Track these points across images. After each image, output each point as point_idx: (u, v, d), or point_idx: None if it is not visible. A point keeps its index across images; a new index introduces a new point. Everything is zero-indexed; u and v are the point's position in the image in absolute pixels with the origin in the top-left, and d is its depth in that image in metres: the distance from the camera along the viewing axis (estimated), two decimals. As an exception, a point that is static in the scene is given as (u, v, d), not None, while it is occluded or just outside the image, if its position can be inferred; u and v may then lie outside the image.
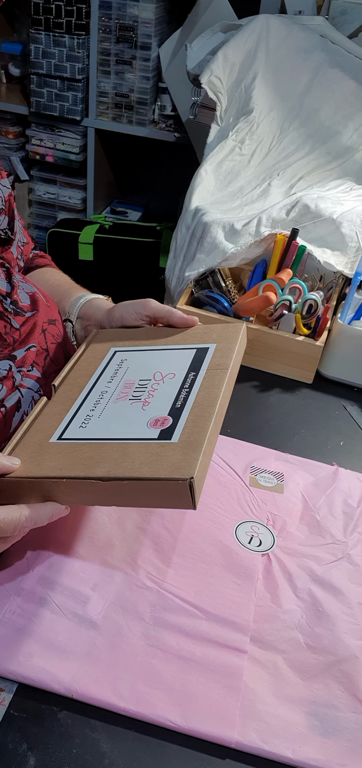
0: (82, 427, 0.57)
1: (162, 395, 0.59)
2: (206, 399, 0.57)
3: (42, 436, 0.57)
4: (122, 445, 0.53)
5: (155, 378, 0.61)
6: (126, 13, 1.95)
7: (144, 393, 0.60)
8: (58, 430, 0.57)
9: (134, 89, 2.05)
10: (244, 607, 0.57)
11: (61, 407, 0.60)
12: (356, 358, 0.95)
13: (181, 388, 0.59)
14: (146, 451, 0.52)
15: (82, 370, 0.66)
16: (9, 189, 0.77)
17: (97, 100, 2.10)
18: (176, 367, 0.63)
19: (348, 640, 0.55)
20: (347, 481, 0.74)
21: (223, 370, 0.60)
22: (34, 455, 0.55)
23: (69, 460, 0.53)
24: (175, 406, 0.57)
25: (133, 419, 0.56)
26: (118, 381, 0.62)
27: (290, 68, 1.43)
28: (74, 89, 2.05)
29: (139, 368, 0.64)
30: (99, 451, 0.53)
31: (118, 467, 0.51)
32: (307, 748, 0.48)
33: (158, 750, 0.47)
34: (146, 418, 0.56)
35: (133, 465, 0.51)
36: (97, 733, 0.48)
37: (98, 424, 0.57)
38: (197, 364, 0.62)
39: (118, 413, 0.58)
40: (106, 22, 1.97)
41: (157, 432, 0.54)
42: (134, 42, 1.98)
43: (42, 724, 0.48)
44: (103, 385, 0.62)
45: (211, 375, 0.60)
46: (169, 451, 0.51)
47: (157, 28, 1.98)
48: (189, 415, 0.55)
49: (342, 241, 1.04)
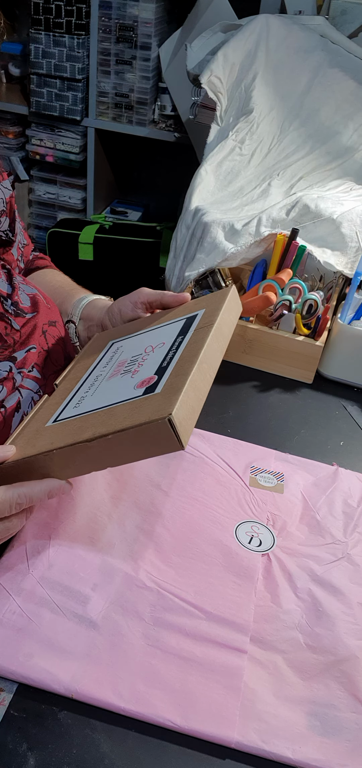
0: (75, 407, 0.59)
1: (150, 362, 0.60)
2: (190, 352, 0.58)
3: (39, 424, 0.60)
4: (109, 409, 0.55)
5: (145, 351, 0.63)
6: (126, 13, 1.95)
7: (134, 365, 0.61)
8: (54, 415, 0.60)
9: (134, 89, 2.05)
10: (244, 607, 0.57)
11: (59, 398, 0.63)
12: (356, 358, 0.95)
13: (169, 351, 0.61)
14: (130, 407, 0.53)
15: (81, 366, 0.68)
16: (10, 191, 0.77)
17: (97, 100, 2.10)
18: (166, 338, 0.64)
19: (348, 640, 0.55)
20: (347, 481, 0.74)
21: (209, 326, 0.62)
22: (30, 440, 0.57)
23: (60, 434, 0.55)
24: (161, 366, 0.58)
25: (121, 387, 0.58)
26: (112, 364, 0.64)
27: (290, 68, 1.43)
28: (74, 89, 2.05)
29: (131, 349, 0.66)
30: (87, 420, 0.55)
31: (103, 426, 0.52)
32: (307, 748, 0.48)
33: (158, 750, 0.47)
34: (134, 383, 0.58)
35: (117, 420, 0.52)
36: (97, 733, 0.48)
37: (90, 401, 0.59)
38: (185, 329, 0.64)
39: (109, 387, 0.60)
40: (106, 22, 1.97)
41: (142, 390, 0.55)
42: (134, 42, 1.98)
43: (42, 724, 0.48)
44: (99, 370, 0.65)
45: (197, 333, 0.62)
46: (151, 401, 0.53)
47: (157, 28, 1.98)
48: (173, 370, 0.56)
49: (342, 241, 1.04)
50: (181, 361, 0.57)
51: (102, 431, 0.52)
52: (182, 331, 0.64)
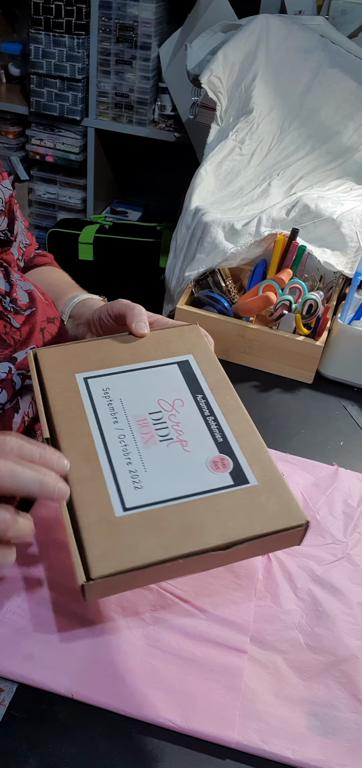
0: (138, 488, 0.50)
1: (191, 429, 0.56)
2: (240, 425, 0.56)
3: (98, 512, 0.49)
4: (204, 501, 0.50)
5: (163, 407, 0.58)
6: (126, 13, 1.95)
7: (168, 429, 0.56)
8: (113, 498, 0.50)
9: (134, 89, 2.05)
10: (244, 607, 0.57)
11: (88, 469, 0.52)
12: (356, 358, 0.95)
13: (204, 417, 0.57)
14: (238, 502, 0.50)
15: (68, 414, 0.56)
16: (10, 190, 0.77)
17: (97, 100, 2.10)
18: (175, 391, 0.60)
19: (348, 640, 0.55)
20: (347, 481, 0.74)
21: (226, 386, 0.60)
22: (112, 537, 0.47)
23: (163, 534, 0.47)
24: (218, 441, 0.55)
25: (187, 467, 0.53)
26: (124, 419, 0.56)
27: (290, 68, 1.43)
28: (74, 89, 2.05)
29: (133, 397, 0.58)
30: (185, 514, 0.49)
31: (227, 529, 0.48)
32: (307, 749, 0.48)
33: (158, 750, 0.47)
34: (199, 461, 0.53)
35: (240, 523, 0.48)
36: (97, 734, 0.48)
37: (153, 481, 0.51)
38: (193, 383, 0.60)
39: (162, 462, 0.53)
40: (106, 22, 1.97)
41: (226, 476, 0.52)
42: (134, 42, 1.98)
43: (42, 724, 0.48)
44: (112, 427, 0.55)
45: (220, 395, 0.59)
46: (261, 497, 0.50)
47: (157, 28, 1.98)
48: (242, 450, 0.54)
49: (342, 241, 1.04)
50: (241, 439, 0.55)
51: (231, 537, 0.47)
52: (191, 386, 0.60)
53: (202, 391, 0.60)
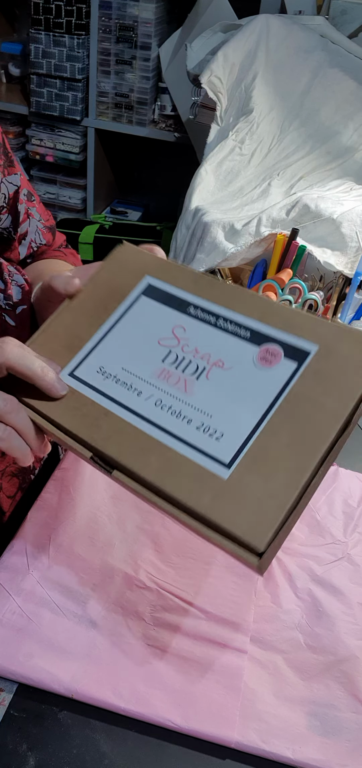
0: (219, 439, 0.45)
1: (213, 345, 0.50)
2: (250, 305, 0.51)
3: (207, 489, 0.43)
4: (287, 403, 0.45)
5: (169, 344, 0.52)
6: (126, 13, 1.95)
7: (193, 361, 0.50)
8: (209, 465, 0.44)
9: (134, 89, 2.05)
10: (244, 607, 0.57)
11: (85, 320, 0.53)
12: (356, 358, 0.95)
13: (213, 324, 0.51)
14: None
15: (109, 287, 0.56)
16: (16, 186, 0.75)
17: (97, 100, 2.10)
18: (165, 321, 0.53)
19: (348, 640, 0.55)
20: (347, 481, 0.74)
21: (205, 281, 0.54)
22: (241, 500, 0.42)
23: (283, 462, 0.43)
24: (247, 337, 0.49)
25: (241, 382, 0.47)
26: (144, 383, 0.50)
27: (290, 68, 1.43)
28: (74, 89, 2.05)
29: (131, 358, 0.52)
30: (280, 429, 0.44)
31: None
32: (307, 749, 0.48)
33: (158, 750, 0.47)
34: (248, 369, 0.48)
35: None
36: (97, 734, 0.48)
37: (226, 420, 0.46)
38: (174, 301, 0.54)
39: (216, 396, 0.47)
40: (106, 22, 1.97)
41: (286, 363, 0.47)
42: (134, 42, 1.98)
43: (42, 724, 0.48)
44: (140, 400, 0.49)
45: (207, 292, 0.53)
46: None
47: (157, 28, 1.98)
48: (275, 325, 0.49)
49: (342, 241, 1.04)
50: (264, 316, 0.49)
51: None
52: (171, 302, 0.54)
53: (189, 301, 0.54)
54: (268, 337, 0.49)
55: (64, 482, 0.67)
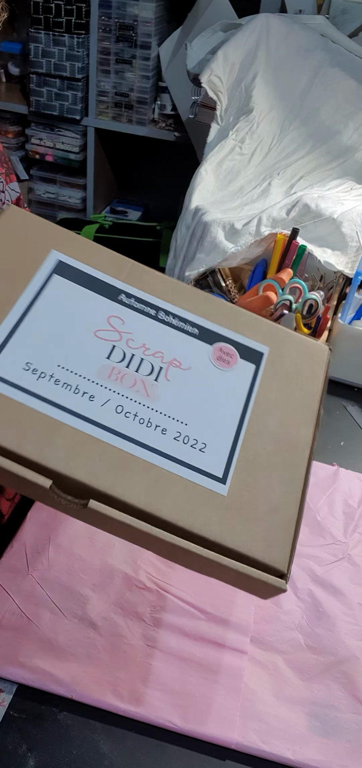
0: (203, 451, 0.41)
1: (161, 341, 0.46)
2: (192, 300, 0.48)
3: (207, 511, 0.39)
4: (257, 407, 0.43)
5: (109, 338, 0.45)
6: (126, 12, 1.94)
7: (143, 359, 0.45)
8: (204, 483, 0.40)
9: (134, 88, 2.05)
10: (244, 608, 0.57)
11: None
12: (356, 358, 0.95)
13: (154, 317, 0.47)
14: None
15: (7, 262, 0.47)
16: (17, 193, 0.76)
17: (97, 99, 2.10)
18: (93, 308, 0.46)
19: (348, 641, 0.55)
20: (347, 482, 0.74)
21: (133, 268, 0.50)
22: (248, 520, 0.40)
23: (278, 465, 0.42)
24: (195, 333, 0.46)
25: (205, 384, 0.44)
26: (93, 386, 0.43)
27: (290, 67, 1.43)
28: (74, 88, 2.04)
29: (65, 354, 0.44)
30: (261, 425, 0.42)
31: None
32: (307, 749, 0.48)
33: (158, 751, 0.47)
34: (208, 369, 0.45)
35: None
36: (97, 734, 0.48)
37: (205, 427, 0.42)
38: (98, 286, 0.48)
39: (184, 401, 0.43)
40: (105, 21, 1.97)
41: (244, 365, 0.45)
42: (134, 41, 1.98)
43: (42, 725, 0.48)
44: (94, 406, 0.42)
45: (138, 280, 0.48)
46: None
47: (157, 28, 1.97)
48: (224, 325, 0.47)
49: (342, 241, 1.04)
50: (208, 314, 0.47)
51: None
52: (96, 287, 0.47)
53: (117, 288, 0.48)
54: (218, 335, 0.47)
55: (64, 482, 0.66)
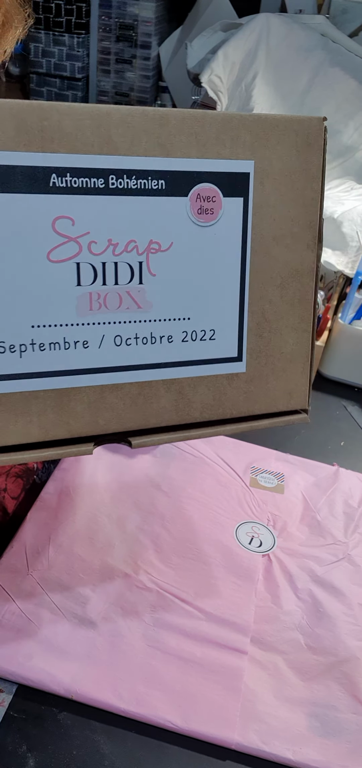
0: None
1: (170, 286, 0.39)
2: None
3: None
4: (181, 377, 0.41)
5: (129, 248, 0.38)
6: (126, 11, 1.95)
7: (134, 278, 0.38)
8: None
9: (134, 88, 2.05)
10: (245, 608, 0.57)
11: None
12: (357, 358, 0.95)
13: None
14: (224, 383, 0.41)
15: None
16: None
17: (97, 98, 2.10)
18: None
19: (348, 641, 0.55)
20: (348, 482, 0.74)
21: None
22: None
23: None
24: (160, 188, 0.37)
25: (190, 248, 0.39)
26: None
27: (290, 67, 1.43)
28: (74, 88, 2.05)
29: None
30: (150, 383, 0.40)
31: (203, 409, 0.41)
32: (308, 750, 0.48)
33: (158, 751, 0.47)
34: (181, 230, 0.38)
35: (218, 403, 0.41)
36: (97, 735, 0.48)
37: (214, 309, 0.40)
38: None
39: (176, 285, 0.39)
40: (106, 21, 1.97)
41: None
42: (134, 41, 1.98)
43: (42, 725, 0.48)
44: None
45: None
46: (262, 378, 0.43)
47: (157, 27, 1.97)
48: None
49: (342, 241, 1.04)
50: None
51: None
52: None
53: (45, 168, 0.35)
54: (191, 175, 0.38)
55: (64, 482, 0.66)
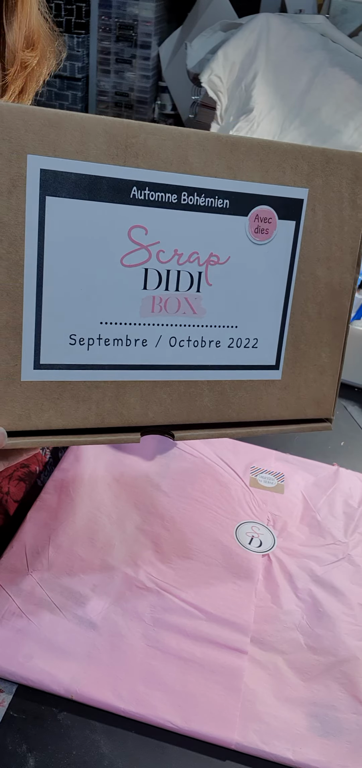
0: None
1: (218, 296, 0.44)
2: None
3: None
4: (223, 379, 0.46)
5: (195, 260, 0.42)
6: (126, 11, 1.94)
7: (192, 290, 0.43)
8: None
9: (134, 88, 2.05)
10: (245, 608, 0.57)
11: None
12: (357, 358, 0.95)
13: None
14: (260, 388, 0.47)
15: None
16: None
17: (97, 99, 2.10)
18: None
19: (348, 641, 0.55)
20: (348, 482, 0.74)
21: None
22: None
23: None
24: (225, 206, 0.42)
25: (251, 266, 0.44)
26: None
27: (290, 67, 1.43)
28: (74, 88, 2.04)
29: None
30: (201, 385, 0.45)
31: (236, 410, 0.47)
32: (308, 750, 0.48)
33: (158, 751, 0.47)
34: (243, 236, 0.43)
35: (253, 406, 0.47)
36: (97, 735, 0.48)
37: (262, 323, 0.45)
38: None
39: (229, 297, 0.44)
40: (105, 21, 1.97)
41: (288, 225, 0.43)
42: (134, 41, 1.98)
43: (42, 725, 0.48)
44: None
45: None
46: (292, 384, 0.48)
47: (157, 27, 1.97)
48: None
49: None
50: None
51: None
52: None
53: (127, 180, 0.40)
54: (252, 198, 0.41)
55: (64, 483, 0.66)
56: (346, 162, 0.45)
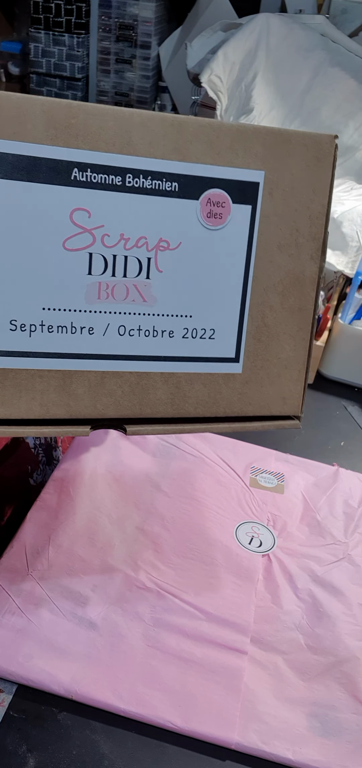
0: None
1: (170, 283, 0.42)
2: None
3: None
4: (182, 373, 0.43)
5: (141, 244, 0.41)
6: (126, 11, 1.95)
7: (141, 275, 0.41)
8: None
9: (134, 88, 2.05)
10: (245, 608, 0.57)
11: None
12: (357, 358, 0.95)
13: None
14: (218, 382, 0.44)
15: None
16: None
17: (97, 99, 2.10)
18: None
19: (348, 641, 0.55)
20: (348, 482, 0.74)
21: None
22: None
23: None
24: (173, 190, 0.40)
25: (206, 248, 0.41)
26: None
27: (290, 67, 1.43)
28: (74, 88, 2.05)
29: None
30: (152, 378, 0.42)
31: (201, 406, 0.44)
32: (308, 750, 0.48)
33: (158, 751, 0.47)
34: (193, 222, 0.41)
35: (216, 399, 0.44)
36: (97, 735, 0.48)
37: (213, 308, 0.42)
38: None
39: (183, 282, 0.42)
40: (105, 21, 1.97)
41: (242, 209, 0.41)
42: (134, 41, 1.98)
43: (41, 725, 0.48)
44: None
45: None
46: (256, 380, 0.45)
47: (157, 27, 1.97)
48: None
49: (342, 241, 1.04)
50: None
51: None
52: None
53: (68, 162, 0.39)
54: (203, 180, 0.40)
55: (64, 483, 0.66)
56: (306, 143, 0.42)
